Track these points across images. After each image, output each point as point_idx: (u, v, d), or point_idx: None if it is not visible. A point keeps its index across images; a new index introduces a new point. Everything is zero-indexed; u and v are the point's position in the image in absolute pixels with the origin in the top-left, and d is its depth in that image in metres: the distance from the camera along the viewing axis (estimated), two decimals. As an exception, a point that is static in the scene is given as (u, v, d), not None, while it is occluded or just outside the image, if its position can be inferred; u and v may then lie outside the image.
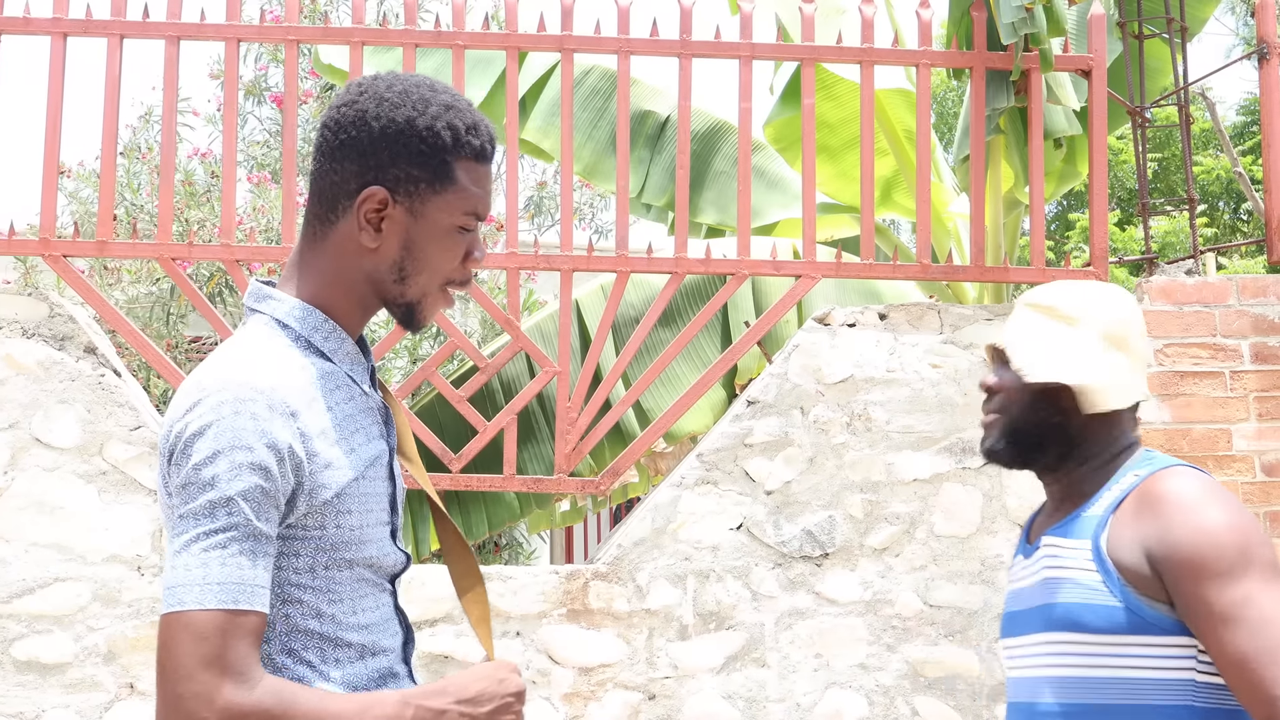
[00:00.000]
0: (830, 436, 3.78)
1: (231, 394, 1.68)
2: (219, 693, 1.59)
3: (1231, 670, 2.22)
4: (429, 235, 1.83)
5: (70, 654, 3.54)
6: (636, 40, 4.01)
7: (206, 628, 1.61)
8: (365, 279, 1.84)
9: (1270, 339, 3.81)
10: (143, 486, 3.62)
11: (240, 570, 1.64)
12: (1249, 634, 2.20)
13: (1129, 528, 2.34)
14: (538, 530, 7.17)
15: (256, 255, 3.96)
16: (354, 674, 1.78)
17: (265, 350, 1.77)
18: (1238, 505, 2.34)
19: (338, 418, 1.80)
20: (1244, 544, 2.25)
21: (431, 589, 3.61)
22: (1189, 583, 2.25)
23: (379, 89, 1.83)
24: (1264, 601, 2.22)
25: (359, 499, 1.80)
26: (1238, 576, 2.23)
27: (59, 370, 3.67)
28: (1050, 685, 2.38)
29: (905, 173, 6.23)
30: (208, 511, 1.64)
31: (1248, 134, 13.88)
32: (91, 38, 3.91)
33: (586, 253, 3.99)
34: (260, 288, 1.84)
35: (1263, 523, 3.71)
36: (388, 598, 1.87)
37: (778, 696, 3.64)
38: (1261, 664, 2.18)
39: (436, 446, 3.92)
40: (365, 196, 1.80)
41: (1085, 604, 2.30)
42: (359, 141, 1.80)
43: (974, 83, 4.06)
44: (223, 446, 1.66)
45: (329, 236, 1.83)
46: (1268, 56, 4.06)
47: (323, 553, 1.76)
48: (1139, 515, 2.33)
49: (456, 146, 1.83)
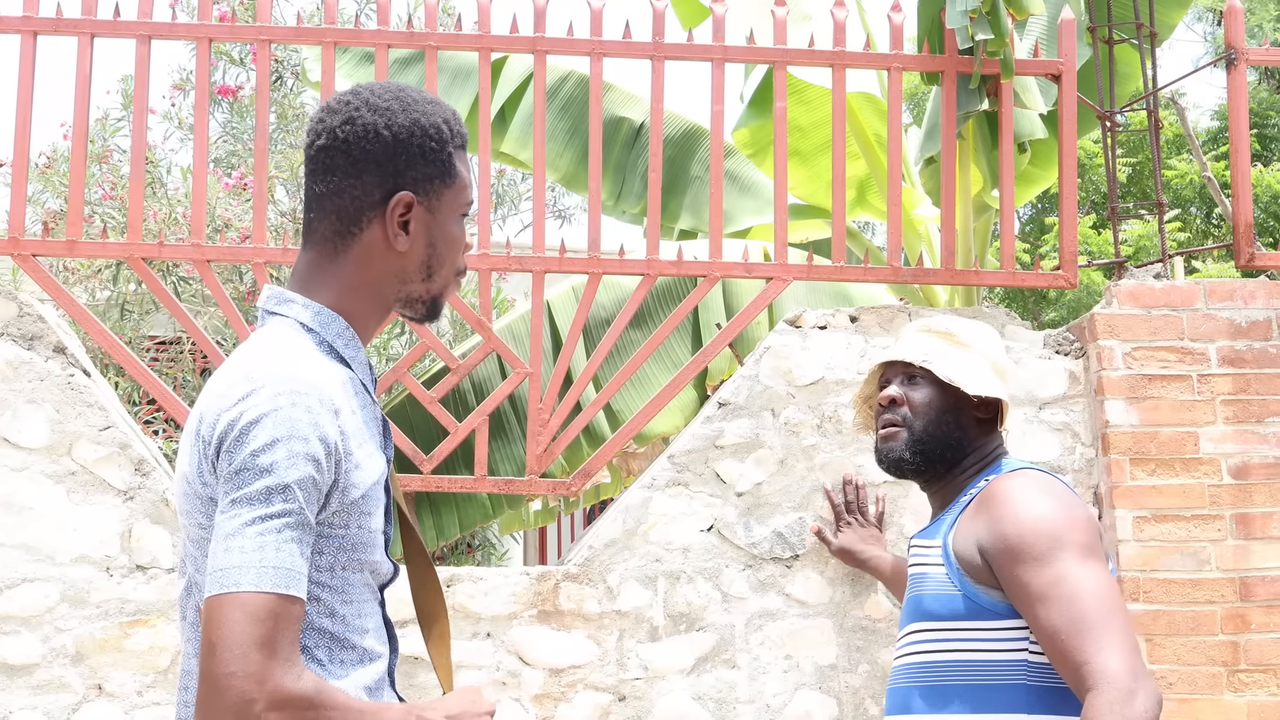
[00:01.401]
0: (801, 438, 3.79)
1: (287, 386, 1.72)
2: (270, 675, 1.61)
3: (1047, 644, 2.41)
4: (445, 228, 1.91)
5: (38, 655, 3.52)
6: (609, 42, 4.01)
7: (262, 610, 1.62)
8: (393, 281, 1.90)
9: (1238, 342, 3.84)
10: (112, 487, 3.61)
11: (292, 557, 1.67)
12: (1060, 609, 2.38)
13: (968, 524, 2.57)
14: (510, 531, 7.17)
15: (228, 255, 3.96)
16: (358, 677, 1.81)
17: (302, 349, 1.81)
18: (1064, 497, 2.56)
19: (360, 422, 1.84)
20: (1057, 529, 2.46)
21: (401, 590, 3.60)
22: (1009, 567, 2.45)
23: (372, 101, 1.88)
24: (1073, 580, 2.41)
25: (374, 502, 1.84)
26: (1051, 559, 2.43)
27: (28, 370, 3.65)
28: (910, 671, 2.66)
29: (876, 177, 6.25)
30: (264, 497, 1.66)
31: (1222, 139, 13.96)
32: (62, 36, 3.90)
33: (559, 254, 4.00)
34: (280, 291, 1.89)
35: (1230, 525, 3.74)
36: (379, 606, 1.92)
37: (748, 698, 3.65)
38: (1069, 634, 2.37)
39: (408, 447, 3.92)
40: (395, 203, 1.86)
41: (934, 595, 2.60)
42: (375, 153, 1.85)
43: (945, 87, 4.08)
44: (281, 435, 1.69)
45: (351, 248, 1.87)
46: (1235, 62, 4.09)
47: (344, 553, 1.80)
48: (976, 513, 2.58)
49: (452, 138, 1.91)
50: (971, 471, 2.73)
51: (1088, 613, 2.35)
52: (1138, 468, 3.75)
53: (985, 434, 2.76)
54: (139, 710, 3.51)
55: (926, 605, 2.58)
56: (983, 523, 2.53)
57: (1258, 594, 3.71)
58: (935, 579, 2.58)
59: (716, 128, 4.02)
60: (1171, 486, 3.75)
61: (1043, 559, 2.42)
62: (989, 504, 2.56)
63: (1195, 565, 3.71)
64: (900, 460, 2.75)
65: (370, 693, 1.82)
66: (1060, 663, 2.38)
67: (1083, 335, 3.91)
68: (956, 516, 2.62)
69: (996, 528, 2.49)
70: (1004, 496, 2.54)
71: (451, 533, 5.86)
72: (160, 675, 3.53)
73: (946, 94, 4.07)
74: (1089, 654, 2.31)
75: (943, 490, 2.77)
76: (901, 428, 2.73)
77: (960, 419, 2.72)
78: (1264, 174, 12.24)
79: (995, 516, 2.51)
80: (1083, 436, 3.84)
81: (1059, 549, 2.43)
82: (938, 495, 2.79)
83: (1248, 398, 3.82)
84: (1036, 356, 3.88)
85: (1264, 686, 3.65)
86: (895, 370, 2.80)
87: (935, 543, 2.63)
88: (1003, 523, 2.49)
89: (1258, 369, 3.83)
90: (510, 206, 10.02)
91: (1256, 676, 3.66)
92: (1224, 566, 3.72)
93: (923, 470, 2.76)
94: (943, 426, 2.70)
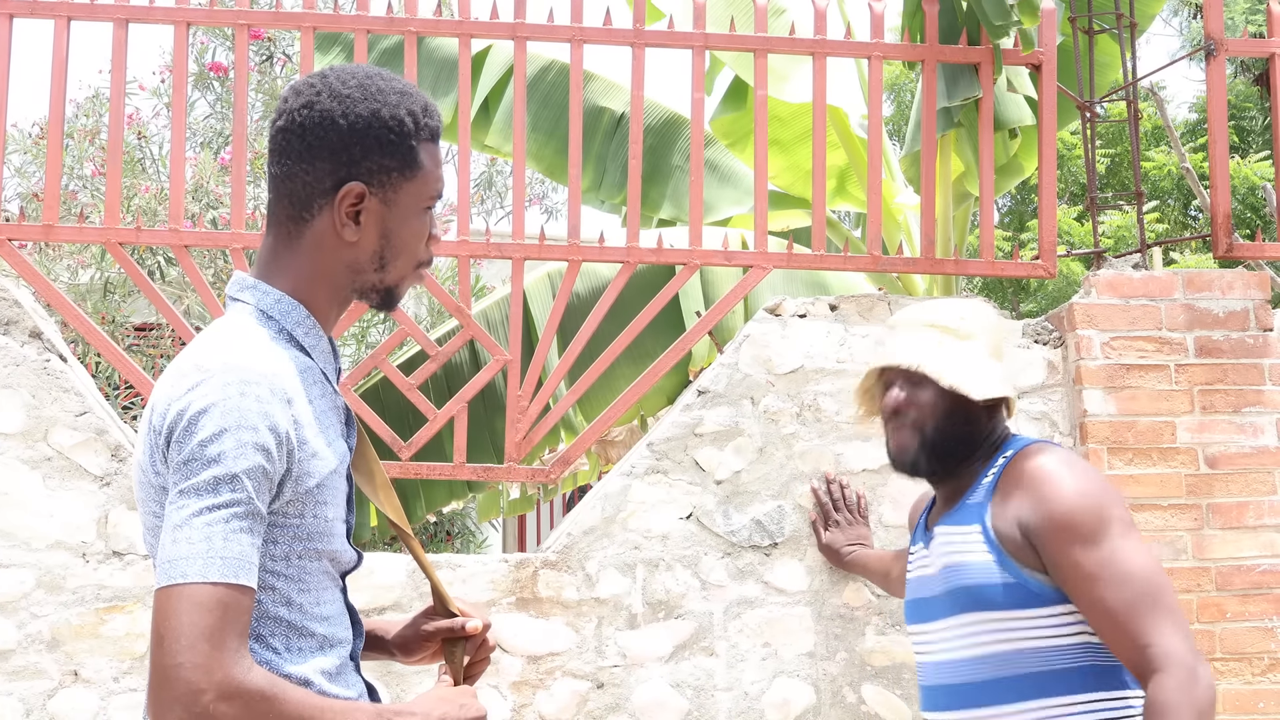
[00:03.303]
0: (780, 426, 3.79)
1: (236, 375, 1.70)
2: (218, 665, 1.59)
3: (1102, 624, 2.43)
4: (402, 221, 1.88)
5: (13, 641, 3.51)
6: (590, 29, 4.00)
7: (209, 600, 1.61)
8: (345, 271, 1.88)
9: (1215, 333, 3.86)
10: (88, 473, 3.59)
11: (241, 546, 1.65)
12: (1114, 591, 2.40)
13: (1002, 505, 2.54)
14: (488, 518, 7.17)
15: (206, 240, 3.94)
16: (317, 663, 1.80)
17: (257, 338, 1.80)
18: (1095, 472, 2.56)
19: (317, 411, 1.82)
20: (1102, 505, 2.46)
21: (380, 576, 3.60)
22: (1059, 545, 2.45)
23: (335, 87, 1.85)
24: (1123, 558, 2.42)
25: (332, 492, 1.82)
26: (1100, 537, 2.44)
27: (3, 355, 3.63)
28: (967, 665, 2.58)
29: (855, 167, 6.25)
30: (211, 487, 1.65)
31: (1199, 131, 14.01)
32: (39, 19, 3.87)
33: (538, 241, 3.99)
34: (244, 277, 1.87)
35: (1206, 515, 3.76)
36: (340, 593, 1.90)
37: (726, 685, 3.66)
38: (1127, 616, 2.38)
39: (386, 434, 3.91)
40: (344, 193, 1.83)
41: (988, 583, 2.53)
42: (329, 141, 1.82)
43: (925, 76, 4.08)
44: (229, 425, 1.67)
45: (304, 235, 1.86)
46: (1215, 53, 4.10)
47: (299, 542, 1.79)
48: (1009, 493, 2.55)
49: (418, 131, 1.87)
50: (983, 455, 2.70)
51: (1142, 593, 2.38)
52: (1115, 457, 3.77)
53: (993, 418, 2.73)
54: (115, 696, 3.50)
55: (980, 594, 2.53)
56: (1025, 503, 2.51)
57: (1233, 583, 3.73)
58: (979, 567, 2.54)
59: (697, 115, 4.02)
60: (1148, 476, 3.76)
61: (1092, 538, 2.42)
62: (1025, 483, 2.53)
63: (1171, 554, 3.72)
64: (916, 464, 2.70)
65: (332, 678, 1.81)
66: (1117, 643, 2.40)
67: (1061, 325, 3.92)
68: (986, 500, 2.58)
69: (1042, 507, 2.48)
70: (1041, 475, 2.52)
71: (419, 514, 5.86)
72: (137, 662, 3.52)
73: (927, 83, 4.08)
74: (1150, 636, 2.34)
75: (955, 478, 2.73)
76: (913, 432, 2.68)
77: (969, 414, 2.66)
78: (1241, 166, 12.29)
79: (1039, 496, 2.49)
80: (1061, 426, 3.85)
81: (1106, 525, 2.43)
82: (949, 483, 2.74)
83: (1225, 388, 3.83)
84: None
85: (1239, 675, 3.67)
86: (895, 371, 2.75)
87: (970, 529, 2.58)
88: (1048, 502, 2.47)
89: (1235, 359, 3.84)
90: (497, 199, 10.01)
91: (1232, 665, 3.68)
92: (1200, 556, 3.74)
93: (939, 471, 2.72)
94: (953, 424, 2.65)
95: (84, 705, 3.49)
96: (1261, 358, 3.86)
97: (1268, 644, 3.71)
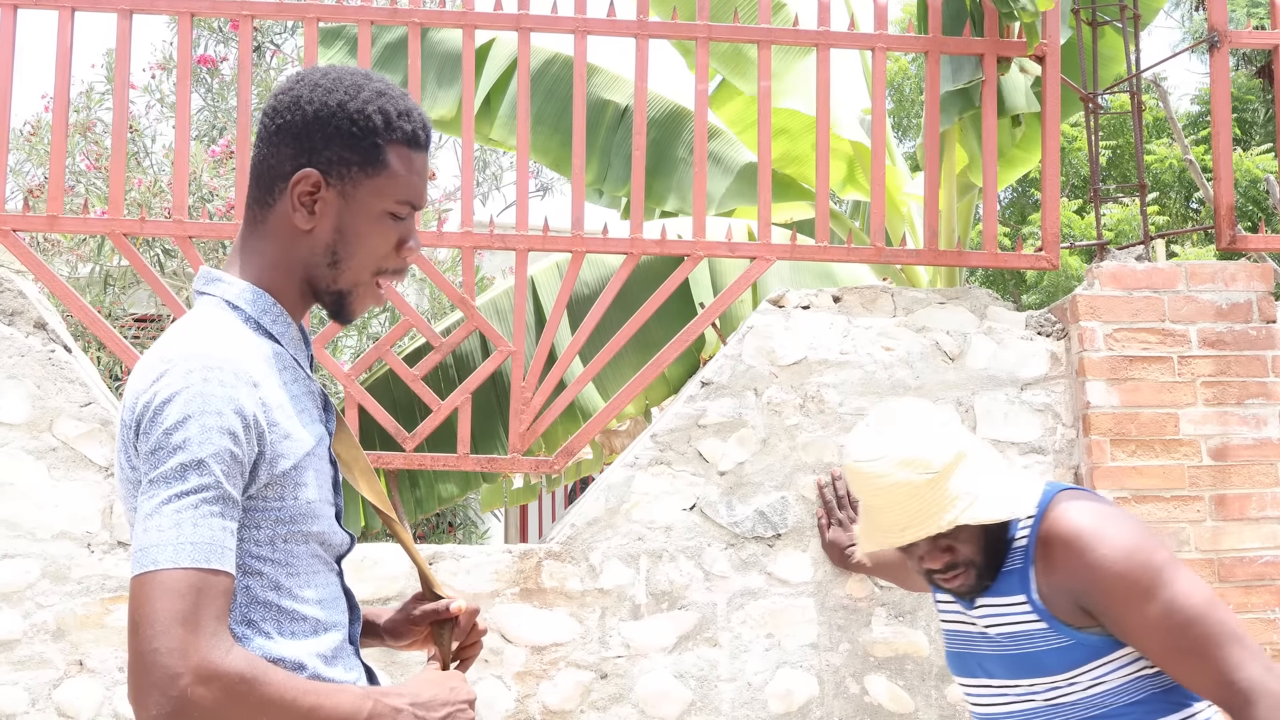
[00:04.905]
0: (783, 418, 3.79)
1: (199, 362, 1.71)
2: (194, 648, 1.60)
3: (1180, 671, 2.44)
4: (360, 218, 1.88)
5: (19, 631, 3.51)
6: (593, 20, 4.00)
7: (182, 585, 1.62)
8: (301, 263, 1.89)
9: (1218, 324, 3.86)
10: (93, 463, 3.59)
11: (212, 531, 1.66)
12: (1183, 636, 2.40)
13: (1049, 576, 2.52)
14: (491, 509, 7.17)
15: (209, 231, 3.94)
16: (311, 645, 1.80)
17: (222, 326, 1.81)
18: (1124, 520, 2.54)
19: (290, 394, 1.84)
20: (1146, 559, 2.45)
21: (385, 568, 3.61)
22: (1118, 610, 2.45)
23: (314, 77, 1.88)
24: (1181, 601, 2.42)
25: (312, 474, 1.83)
26: (1156, 590, 2.43)
27: (8, 345, 3.63)
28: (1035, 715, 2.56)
29: (859, 158, 6.25)
30: (179, 474, 1.66)
31: (1201, 124, 14.00)
32: (42, 10, 3.87)
33: (542, 232, 3.99)
34: (209, 271, 1.89)
35: (1209, 507, 3.76)
36: (335, 577, 1.91)
37: (729, 676, 3.66)
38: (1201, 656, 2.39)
39: (390, 425, 3.91)
40: (299, 178, 1.85)
41: (1044, 651, 2.55)
42: (294, 125, 1.85)
43: (929, 67, 4.08)
44: (193, 411, 1.68)
45: (268, 220, 1.88)
46: (1218, 45, 4.10)
47: (282, 525, 1.79)
48: (1052, 563, 2.53)
49: (388, 130, 1.87)
50: None
51: (1207, 631, 2.39)
52: (1118, 449, 3.77)
53: None
54: (120, 686, 3.50)
55: (1037, 662, 2.54)
56: (1071, 573, 2.49)
57: (1236, 575, 3.73)
58: (1034, 635, 2.54)
59: (700, 107, 4.02)
60: (1151, 468, 3.77)
61: (1148, 593, 2.42)
62: (1066, 552, 2.50)
63: (1175, 546, 3.73)
64: (981, 588, 2.65)
65: (328, 661, 1.82)
66: (1198, 685, 2.41)
67: (1064, 316, 3.92)
68: (1026, 565, 2.56)
69: (1090, 575, 2.45)
70: (1080, 542, 2.48)
71: (430, 506, 5.86)
72: (141, 652, 3.52)
73: (930, 73, 4.08)
74: (1230, 670, 2.36)
75: None
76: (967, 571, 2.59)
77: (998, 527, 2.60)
78: (1243, 158, 12.28)
79: (1084, 564, 2.46)
80: (1064, 417, 3.85)
81: (1157, 574, 2.43)
82: None
83: (1228, 379, 3.84)
84: (1018, 337, 3.89)
85: (1241, 666, 3.68)
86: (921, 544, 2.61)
87: (1016, 600, 2.56)
88: (1095, 569, 2.45)
89: (1238, 351, 3.85)
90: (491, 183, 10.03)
91: (1234, 656, 3.68)
92: (1203, 547, 3.74)
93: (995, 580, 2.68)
94: (994, 541, 2.59)
95: (89, 695, 3.50)
96: (1265, 350, 3.86)
97: (1271, 635, 3.71)
